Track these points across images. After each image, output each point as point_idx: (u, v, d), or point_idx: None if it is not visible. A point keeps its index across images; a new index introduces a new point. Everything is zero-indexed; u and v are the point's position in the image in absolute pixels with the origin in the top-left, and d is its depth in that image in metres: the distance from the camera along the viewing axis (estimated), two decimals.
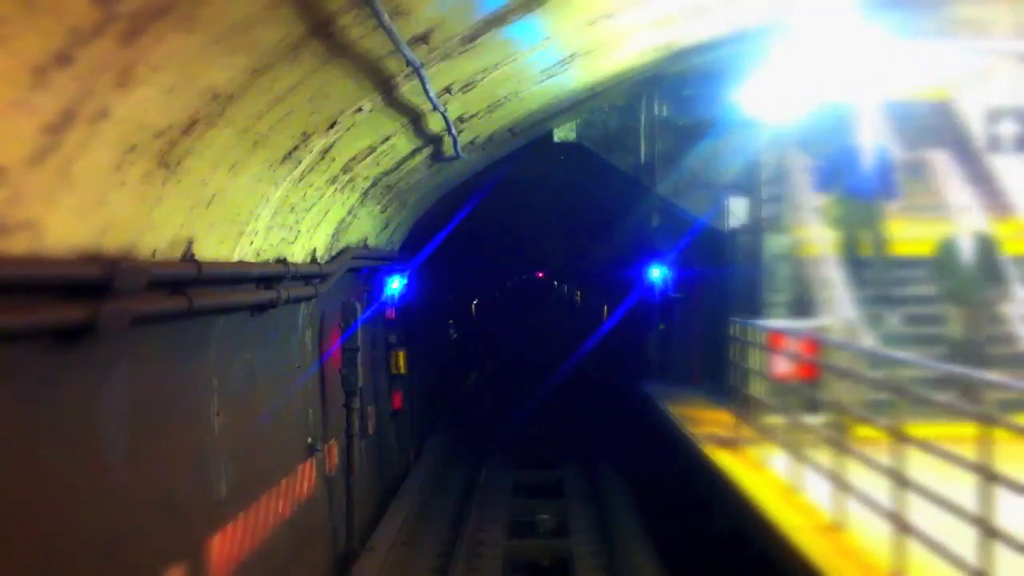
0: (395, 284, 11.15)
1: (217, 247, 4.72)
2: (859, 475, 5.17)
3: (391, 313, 11.28)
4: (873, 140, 9.04)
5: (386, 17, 3.80)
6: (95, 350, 3.68)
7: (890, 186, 8.62)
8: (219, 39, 3.28)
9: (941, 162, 10.03)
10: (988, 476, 3.86)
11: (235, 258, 5.06)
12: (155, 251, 3.98)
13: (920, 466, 4.52)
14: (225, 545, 5.24)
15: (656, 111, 10.73)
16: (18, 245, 2.95)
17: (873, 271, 8.68)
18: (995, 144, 10.71)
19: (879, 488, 4.78)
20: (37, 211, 2.99)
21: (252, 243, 5.26)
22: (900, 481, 4.53)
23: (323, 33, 3.84)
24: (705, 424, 8.55)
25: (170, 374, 4.67)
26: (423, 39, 4.67)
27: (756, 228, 9.75)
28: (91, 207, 3.30)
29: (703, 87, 10.35)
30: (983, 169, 10.49)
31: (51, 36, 2.54)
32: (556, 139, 10.78)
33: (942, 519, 4.17)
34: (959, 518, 4.00)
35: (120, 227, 3.57)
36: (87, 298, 3.35)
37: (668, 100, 10.72)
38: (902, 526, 4.40)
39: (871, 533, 4.90)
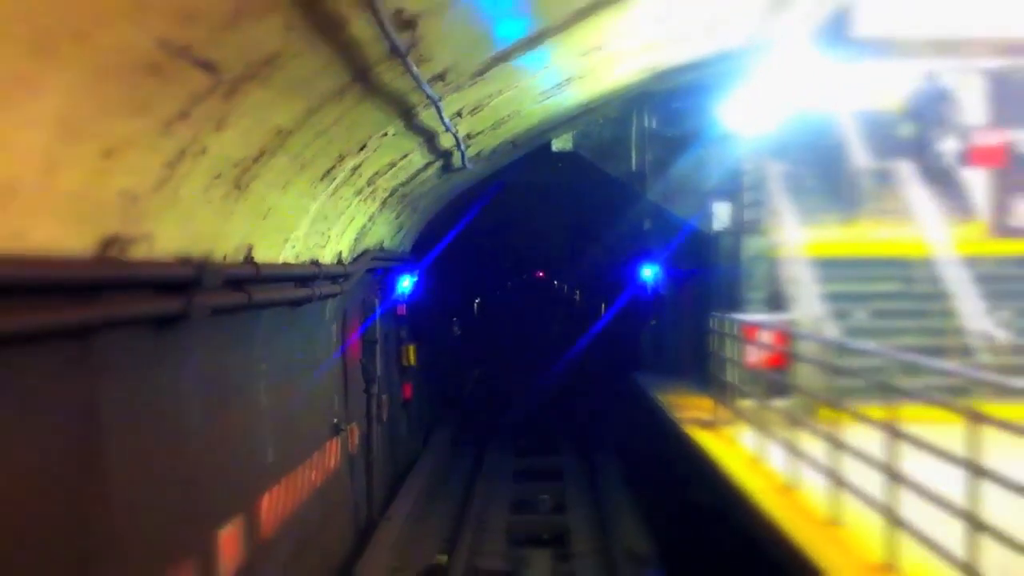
0: (406, 283, 12.05)
1: (267, 251, 5.63)
2: (815, 448, 6.06)
3: (402, 310, 12.18)
4: None
5: (414, 67, 4.71)
6: (180, 336, 4.59)
7: None
8: (287, 90, 4.19)
9: (906, 170, 10.95)
10: (893, 435, 4.77)
11: (280, 260, 5.97)
12: (225, 255, 4.89)
13: (878, 444, 5.30)
14: (271, 504, 6.15)
15: (646, 123, 11.65)
16: (138, 252, 3.86)
17: None
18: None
19: (829, 459, 5.69)
20: (153, 226, 3.90)
21: (293, 248, 6.17)
22: (837, 446, 5.44)
23: (363, 79, 4.75)
24: (688, 409, 9.46)
25: (230, 359, 5.57)
26: (440, 77, 5.58)
27: (737, 231, 10.66)
28: (186, 221, 4.21)
29: (689, 101, 11.26)
30: (947, 175, 11.39)
31: (178, 99, 3.45)
32: (554, 148, 11.70)
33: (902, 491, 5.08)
34: (896, 482, 4.88)
35: (204, 237, 4.48)
36: (181, 293, 4.27)
37: (657, 113, 11.64)
38: (838, 483, 5.32)
39: (816, 492, 5.81)
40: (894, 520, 4.61)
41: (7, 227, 2.87)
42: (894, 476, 4.66)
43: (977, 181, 11.48)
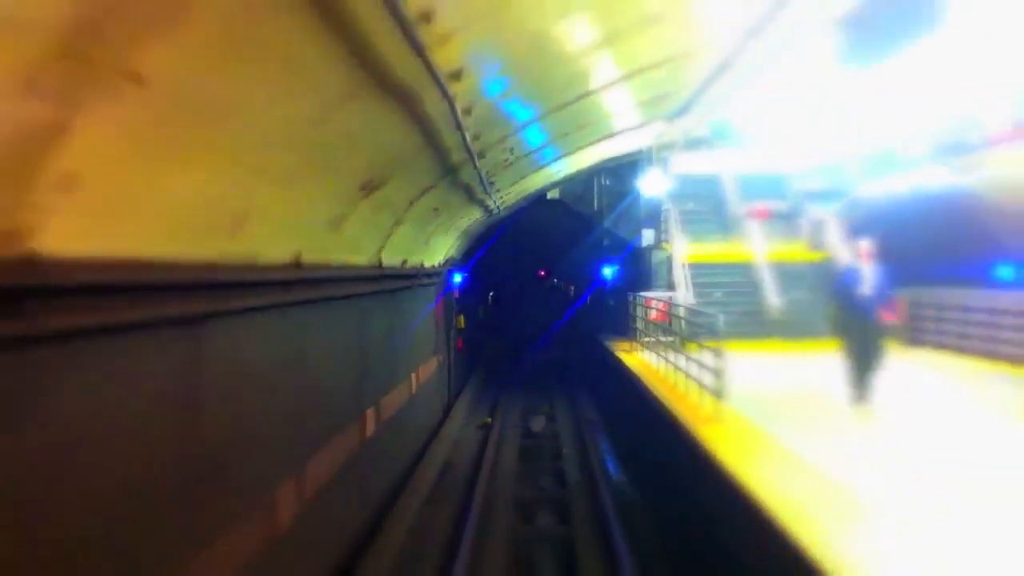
0: (457, 278, 19.75)
1: (426, 262, 13.33)
2: (675, 358, 13.68)
3: (456, 294, 19.86)
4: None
5: (493, 196, 12.41)
6: (402, 297, 12.25)
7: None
8: (448, 213, 11.89)
9: (766, 209, 18.60)
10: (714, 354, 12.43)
11: (427, 265, 13.66)
12: (413, 263, 12.59)
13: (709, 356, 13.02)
14: (420, 376, 13.83)
15: (602, 182, 19.36)
16: (405, 266, 11.55)
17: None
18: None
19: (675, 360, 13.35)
20: (407, 255, 11.58)
21: (430, 259, 13.88)
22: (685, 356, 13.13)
23: (471, 199, 12.45)
24: (620, 346, 17.13)
25: (407, 310, 13.24)
26: (498, 190, 13.29)
27: (653, 247, 18.36)
28: (413, 252, 11.91)
29: (626, 170, 18.96)
30: (801, 213, 18.98)
31: (428, 223, 11.14)
32: (548, 197, 19.42)
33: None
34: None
35: (415, 256, 12.18)
36: (410, 279, 11.97)
37: (609, 177, 19.35)
38: (675, 367, 13.00)
39: (669, 372, 13.44)
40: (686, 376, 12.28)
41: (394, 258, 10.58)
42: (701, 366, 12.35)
43: (809, 216, 19.13)
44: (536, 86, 8.49)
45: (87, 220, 3.25)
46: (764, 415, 8.89)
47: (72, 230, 3.16)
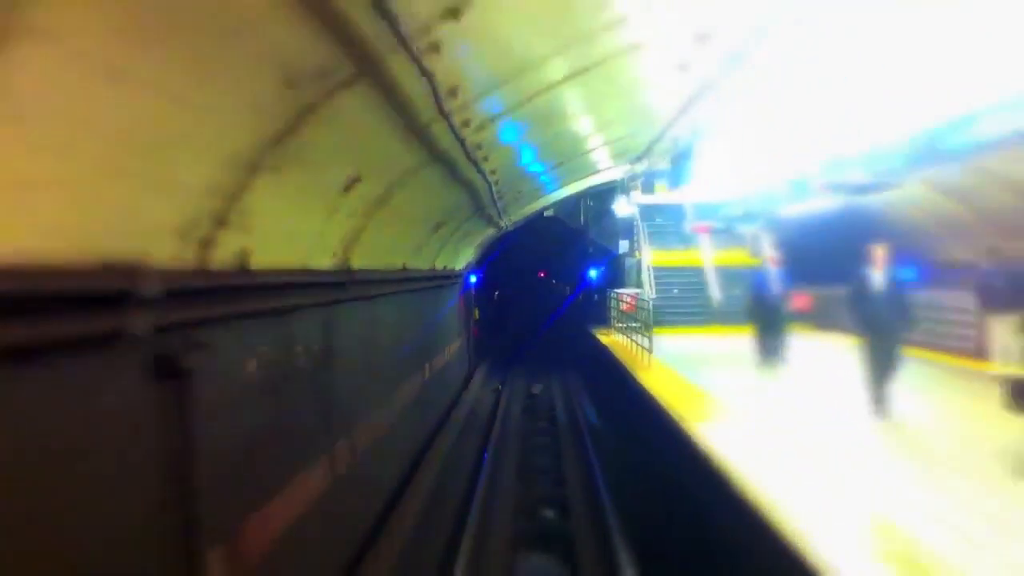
0: (472, 279, 24.81)
1: (454, 265, 18.38)
2: (638, 337, 18.74)
3: (471, 291, 24.91)
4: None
5: (505, 219, 17.50)
6: (442, 290, 17.29)
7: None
8: (471, 234, 16.98)
9: (705, 225, 23.70)
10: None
11: (456, 268, 18.72)
12: (449, 267, 17.66)
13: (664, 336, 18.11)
14: (449, 351, 18.89)
15: (588, 203, 24.43)
16: (445, 268, 16.62)
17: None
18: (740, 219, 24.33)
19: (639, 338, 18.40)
20: (440, 261, 16.66)
21: (457, 263, 18.94)
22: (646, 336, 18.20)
23: (488, 223, 17.52)
24: (601, 331, 22.19)
25: (442, 300, 18.29)
26: (509, 216, 18.36)
27: (626, 255, 23.43)
28: (449, 258, 16.99)
29: (607, 193, 24.04)
30: (733, 229, 24.10)
31: (459, 244, 16.23)
32: (545, 214, 24.45)
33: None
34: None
35: (448, 262, 17.25)
36: (448, 279, 17.04)
37: (593, 198, 24.42)
38: (632, 341, 18.06)
39: (629, 345, 18.49)
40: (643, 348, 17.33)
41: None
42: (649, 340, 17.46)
43: (745, 231, 24.23)
44: (547, 156, 13.58)
45: (362, 256, 8.37)
46: (686, 367, 13.94)
47: (358, 259, 8.27)
